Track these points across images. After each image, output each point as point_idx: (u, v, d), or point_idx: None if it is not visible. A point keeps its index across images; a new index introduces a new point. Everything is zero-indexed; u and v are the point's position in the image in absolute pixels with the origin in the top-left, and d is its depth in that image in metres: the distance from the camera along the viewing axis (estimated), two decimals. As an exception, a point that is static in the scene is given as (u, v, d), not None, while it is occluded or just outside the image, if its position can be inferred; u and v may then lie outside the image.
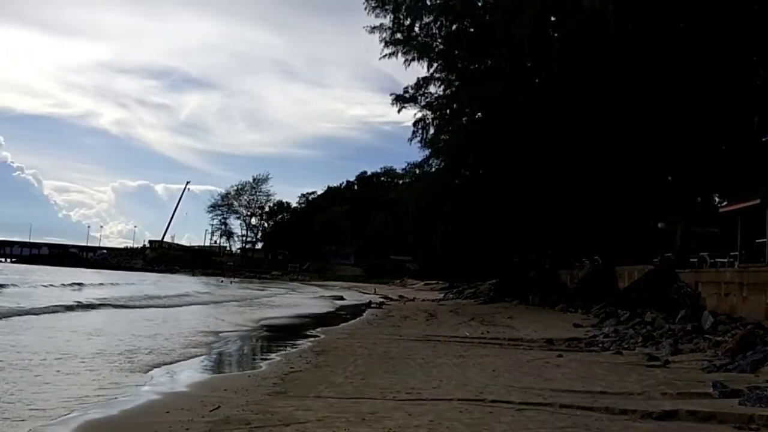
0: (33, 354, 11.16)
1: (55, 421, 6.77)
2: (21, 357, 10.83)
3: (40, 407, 7.29)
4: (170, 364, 11.16)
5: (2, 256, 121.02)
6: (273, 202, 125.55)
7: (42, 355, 11.06)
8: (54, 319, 18.29)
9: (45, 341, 13.27)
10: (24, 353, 11.24)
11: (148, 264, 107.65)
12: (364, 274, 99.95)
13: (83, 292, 31.13)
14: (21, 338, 13.64)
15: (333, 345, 14.41)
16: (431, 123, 35.73)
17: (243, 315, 23.40)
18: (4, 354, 11.00)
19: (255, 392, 8.30)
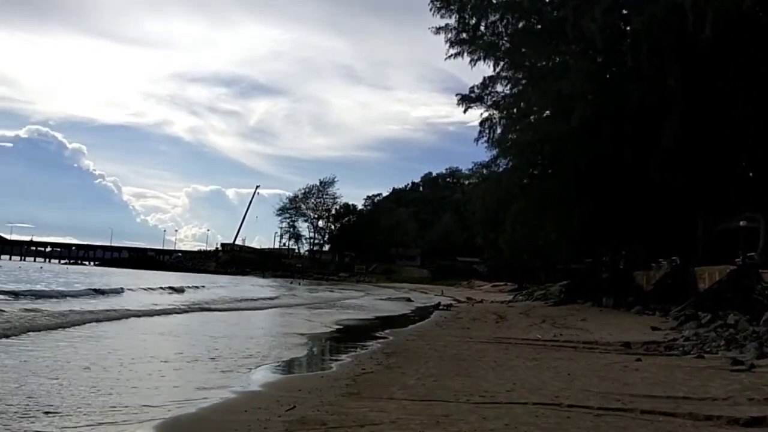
0: (136, 356, 11.65)
1: (134, 420, 6.99)
2: (123, 357, 11.33)
3: (120, 408, 7.54)
4: (250, 365, 11.41)
5: (86, 260, 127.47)
6: (339, 204, 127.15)
7: (142, 357, 11.56)
8: (157, 322, 19.02)
9: (145, 343, 13.92)
10: (129, 354, 11.71)
11: (221, 266, 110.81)
12: (430, 275, 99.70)
13: (180, 296, 32.57)
14: (127, 341, 14.27)
15: (403, 347, 14.40)
16: (498, 122, 35.31)
17: (314, 317, 23.70)
18: (117, 353, 11.68)
19: (329, 393, 8.36)
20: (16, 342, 12.32)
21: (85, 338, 13.70)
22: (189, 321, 20.31)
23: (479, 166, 45.56)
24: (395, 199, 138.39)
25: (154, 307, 23.18)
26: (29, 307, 17.94)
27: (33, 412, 6.95)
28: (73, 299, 24.59)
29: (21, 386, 8.18)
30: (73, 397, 7.82)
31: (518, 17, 31.51)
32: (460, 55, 32.61)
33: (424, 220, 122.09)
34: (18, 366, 9.69)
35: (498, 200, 35.89)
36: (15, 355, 10.80)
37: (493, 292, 59.93)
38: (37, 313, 16.31)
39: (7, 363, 9.88)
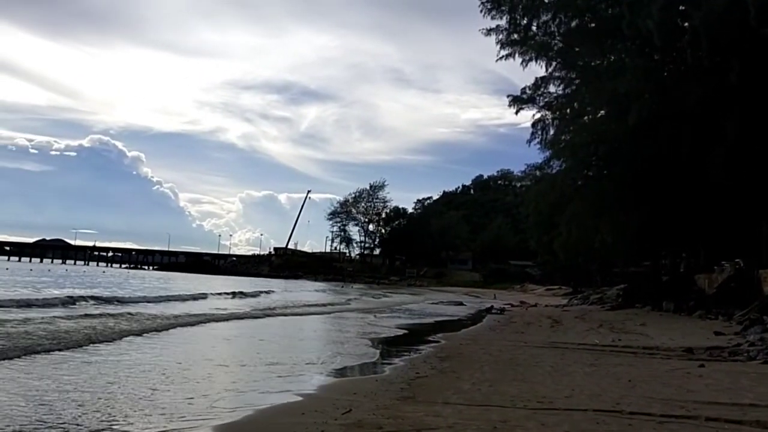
0: (209, 357, 12.04)
1: (196, 423, 7.14)
2: (196, 359, 11.71)
3: (188, 410, 7.72)
4: (308, 368, 11.58)
5: (145, 264, 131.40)
6: (389, 208, 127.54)
7: (213, 359, 11.92)
8: (234, 326, 19.52)
9: (218, 347, 14.31)
10: (201, 357, 12.10)
11: (274, 270, 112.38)
12: (482, 279, 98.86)
13: (254, 300, 33.47)
14: (205, 344, 14.77)
15: (457, 351, 14.30)
16: (551, 123, 34.75)
17: (367, 321, 23.77)
18: (193, 356, 12.03)
19: (384, 396, 8.37)
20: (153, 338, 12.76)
21: (171, 342, 14.19)
22: (259, 325, 20.46)
23: (532, 168, 45.02)
24: (446, 203, 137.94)
25: (236, 311, 24.32)
26: (140, 310, 20.03)
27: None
28: (175, 302, 27.20)
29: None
30: (144, 400, 8.07)
31: (571, 16, 30.93)
32: (512, 56, 32.24)
33: (475, 223, 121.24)
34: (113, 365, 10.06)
35: (552, 202, 35.29)
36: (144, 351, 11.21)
37: (546, 296, 58.97)
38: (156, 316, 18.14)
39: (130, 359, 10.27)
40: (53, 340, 12.29)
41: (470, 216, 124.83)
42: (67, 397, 7.83)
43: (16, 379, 8.77)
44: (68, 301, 22.09)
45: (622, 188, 29.77)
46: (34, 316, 16.52)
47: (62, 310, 19.13)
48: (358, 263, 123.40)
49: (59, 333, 13.32)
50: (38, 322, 14.98)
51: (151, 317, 18.37)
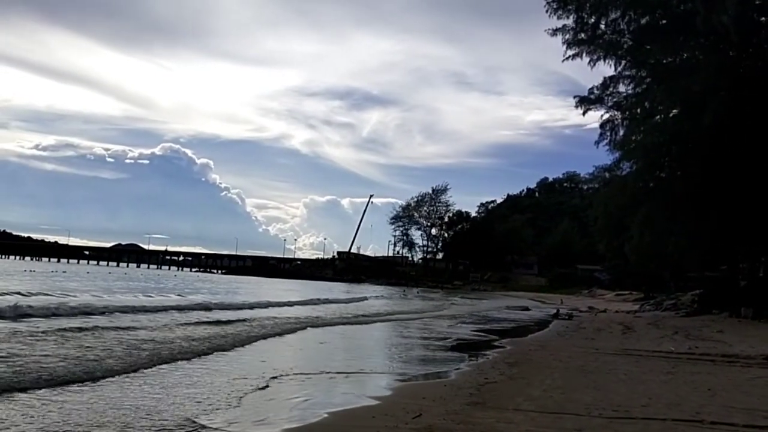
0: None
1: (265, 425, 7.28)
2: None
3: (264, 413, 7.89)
4: (379, 371, 11.67)
5: (214, 268, 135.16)
6: (452, 212, 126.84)
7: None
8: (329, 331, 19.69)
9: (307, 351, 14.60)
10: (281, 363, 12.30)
11: (337, 274, 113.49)
12: (548, 284, 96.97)
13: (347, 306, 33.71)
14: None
15: (525, 357, 14.07)
16: (620, 124, 33.80)
17: (432, 326, 23.68)
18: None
19: (453, 402, 8.31)
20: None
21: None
22: (346, 331, 20.52)
23: (600, 169, 43.97)
24: (510, 206, 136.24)
25: (330, 316, 24.60)
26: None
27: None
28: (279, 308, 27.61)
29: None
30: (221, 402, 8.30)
31: (641, 13, 30.08)
32: (579, 56, 31.59)
33: (541, 226, 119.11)
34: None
35: (622, 205, 34.29)
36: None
37: (616, 302, 57.28)
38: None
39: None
40: (206, 342, 13.43)
41: (535, 219, 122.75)
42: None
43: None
44: (179, 307, 22.34)
45: (697, 189, 28.66)
46: (161, 321, 17.10)
47: (179, 315, 19.65)
48: (420, 267, 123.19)
49: (200, 338, 14.01)
50: (168, 328, 15.61)
51: (264, 324, 18.57)
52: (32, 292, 24.17)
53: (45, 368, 8.99)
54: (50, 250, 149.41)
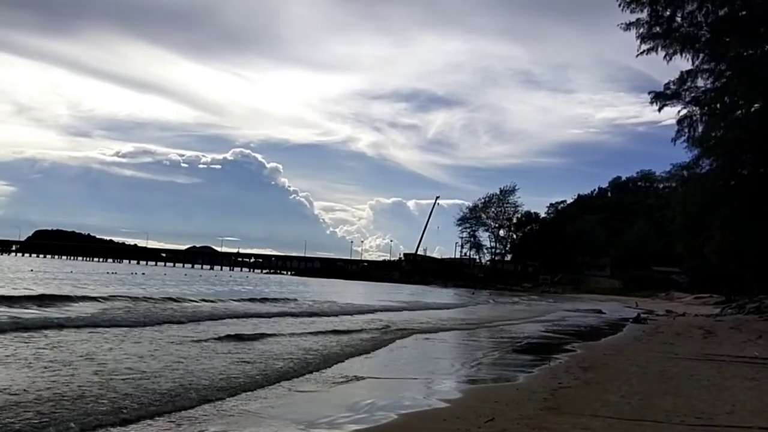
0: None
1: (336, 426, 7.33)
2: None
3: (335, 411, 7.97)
4: (449, 375, 11.61)
5: (284, 269, 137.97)
6: (521, 213, 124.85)
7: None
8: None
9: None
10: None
11: (404, 275, 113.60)
12: (622, 286, 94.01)
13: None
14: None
15: (601, 361, 13.65)
16: (699, 119, 32.44)
17: (500, 329, 23.35)
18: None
19: (526, 406, 8.14)
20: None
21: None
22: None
23: (678, 167, 42.19)
24: (580, 206, 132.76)
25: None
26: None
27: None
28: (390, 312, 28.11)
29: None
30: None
31: (719, 4, 28.80)
32: (654, 50, 30.53)
33: (614, 227, 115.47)
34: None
35: (702, 204, 32.93)
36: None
37: (695, 305, 54.93)
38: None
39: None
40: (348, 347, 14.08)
41: (608, 220, 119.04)
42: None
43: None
44: (289, 314, 22.80)
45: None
46: (293, 328, 17.65)
47: (295, 321, 20.29)
48: (488, 269, 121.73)
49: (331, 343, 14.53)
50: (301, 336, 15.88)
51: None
52: (154, 296, 24.77)
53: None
54: (130, 252, 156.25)
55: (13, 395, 7.24)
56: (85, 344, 11.77)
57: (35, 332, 12.71)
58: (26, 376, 8.48)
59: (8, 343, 11.09)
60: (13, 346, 10.88)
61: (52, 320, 14.45)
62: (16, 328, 12.79)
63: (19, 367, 9.02)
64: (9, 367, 8.97)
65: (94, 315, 16.44)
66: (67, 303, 18.91)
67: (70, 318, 15.32)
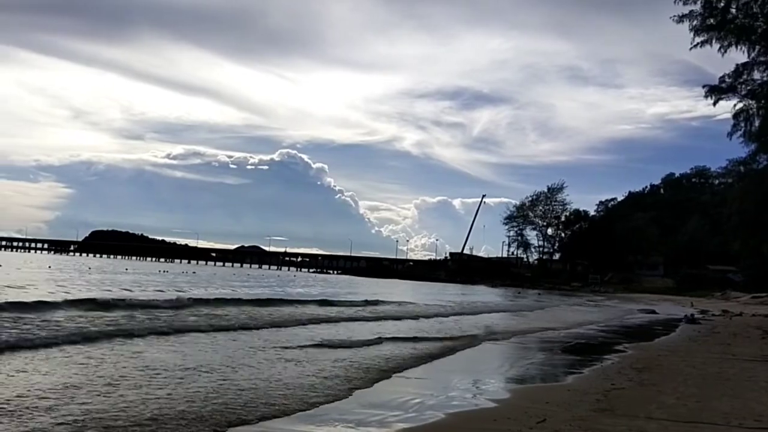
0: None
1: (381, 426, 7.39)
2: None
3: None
4: (497, 374, 11.53)
5: (330, 269, 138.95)
6: (569, 211, 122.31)
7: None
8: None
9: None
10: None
11: (450, 275, 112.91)
12: (675, 285, 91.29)
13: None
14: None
15: (655, 362, 13.37)
16: (756, 113, 31.33)
17: (549, 329, 23.05)
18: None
19: (578, 407, 8.05)
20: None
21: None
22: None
23: (734, 163, 41.03)
24: (632, 204, 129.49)
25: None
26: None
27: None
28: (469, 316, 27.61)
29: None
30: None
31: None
32: (708, 42, 29.57)
33: (666, 225, 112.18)
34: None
35: (760, 201, 31.83)
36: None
37: (752, 305, 52.99)
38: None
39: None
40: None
41: (660, 217, 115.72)
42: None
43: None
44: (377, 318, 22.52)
45: None
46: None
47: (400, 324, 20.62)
48: (536, 268, 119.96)
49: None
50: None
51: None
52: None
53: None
54: (181, 252, 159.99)
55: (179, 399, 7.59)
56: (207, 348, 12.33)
57: (184, 335, 13.84)
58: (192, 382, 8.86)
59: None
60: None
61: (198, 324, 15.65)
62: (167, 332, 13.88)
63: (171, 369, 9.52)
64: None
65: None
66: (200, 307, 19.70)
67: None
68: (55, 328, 12.61)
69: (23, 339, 11.07)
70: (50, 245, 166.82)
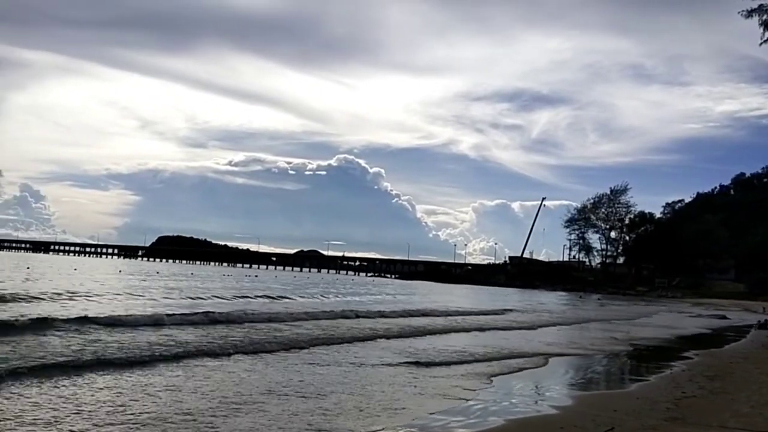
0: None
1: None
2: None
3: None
4: (563, 381, 11.36)
5: (388, 273, 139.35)
6: (633, 213, 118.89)
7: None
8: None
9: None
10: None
11: (509, 279, 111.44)
12: (748, 290, 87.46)
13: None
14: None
15: (727, 369, 12.86)
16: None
17: (611, 335, 22.48)
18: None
19: (648, 416, 7.82)
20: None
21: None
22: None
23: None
24: (700, 205, 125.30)
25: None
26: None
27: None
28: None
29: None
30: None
31: None
32: (780, 36, 28.26)
33: (737, 227, 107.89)
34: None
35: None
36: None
37: (833, 311, 50.27)
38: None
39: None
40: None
41: (730, 219, 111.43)
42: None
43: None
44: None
45: None
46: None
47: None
48: (599, 273, 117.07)
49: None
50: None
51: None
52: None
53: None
54: (243, 256, 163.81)
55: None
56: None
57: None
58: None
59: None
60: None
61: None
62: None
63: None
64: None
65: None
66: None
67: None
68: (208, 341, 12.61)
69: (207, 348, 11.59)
70: (120, 250, 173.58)
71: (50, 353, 9.77)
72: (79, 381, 8.29)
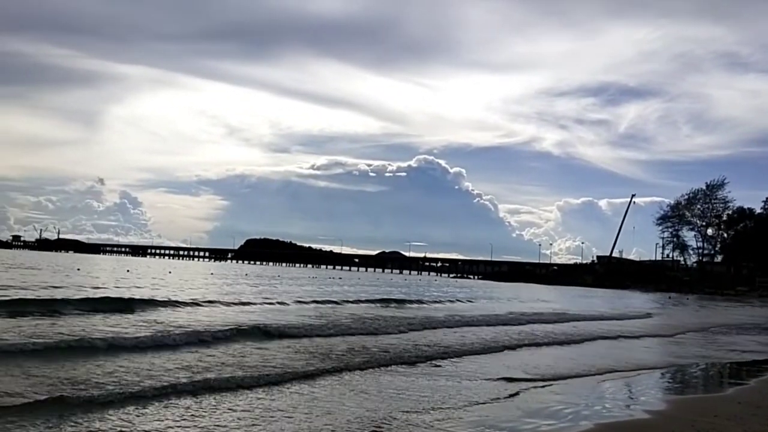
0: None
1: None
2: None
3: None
4: (658, 384, 10.88)
5: (470, 273, 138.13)
6: (732, 209, 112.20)
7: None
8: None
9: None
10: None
11: (597, 279, 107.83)
12: None
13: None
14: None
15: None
16: None
17: (709, 340, 21.31)
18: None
19: (752, 422, 7.34)
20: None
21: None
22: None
23: None
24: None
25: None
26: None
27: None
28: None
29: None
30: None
31: None
32: None
33: None
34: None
35: None
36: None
37: None
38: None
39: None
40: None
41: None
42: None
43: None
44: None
45: None
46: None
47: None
48: (695, 272, 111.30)
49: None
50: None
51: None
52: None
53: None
54: (326, 258, 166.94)
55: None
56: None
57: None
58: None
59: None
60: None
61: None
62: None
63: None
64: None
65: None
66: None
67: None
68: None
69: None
70: (210, 253, 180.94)
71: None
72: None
